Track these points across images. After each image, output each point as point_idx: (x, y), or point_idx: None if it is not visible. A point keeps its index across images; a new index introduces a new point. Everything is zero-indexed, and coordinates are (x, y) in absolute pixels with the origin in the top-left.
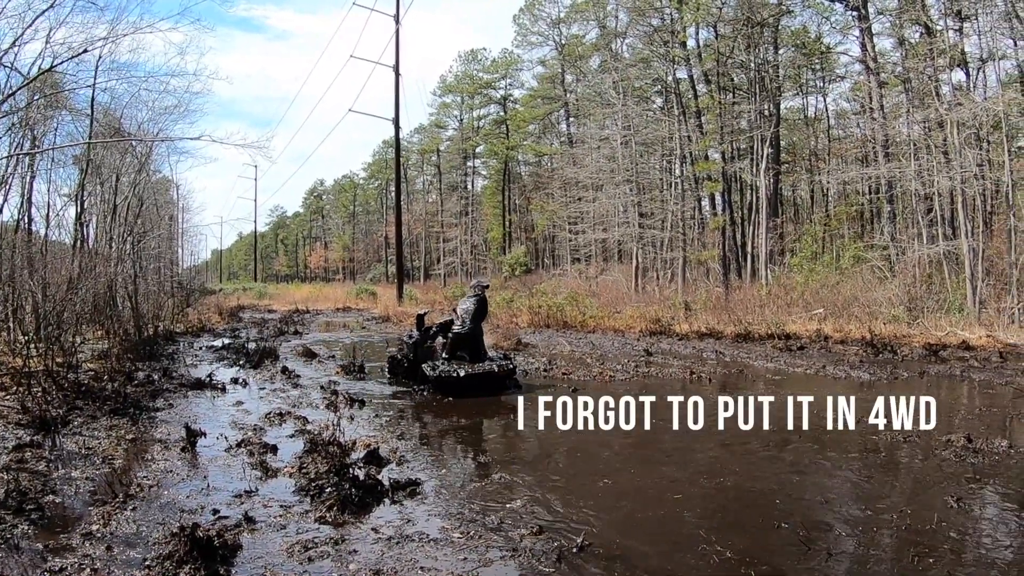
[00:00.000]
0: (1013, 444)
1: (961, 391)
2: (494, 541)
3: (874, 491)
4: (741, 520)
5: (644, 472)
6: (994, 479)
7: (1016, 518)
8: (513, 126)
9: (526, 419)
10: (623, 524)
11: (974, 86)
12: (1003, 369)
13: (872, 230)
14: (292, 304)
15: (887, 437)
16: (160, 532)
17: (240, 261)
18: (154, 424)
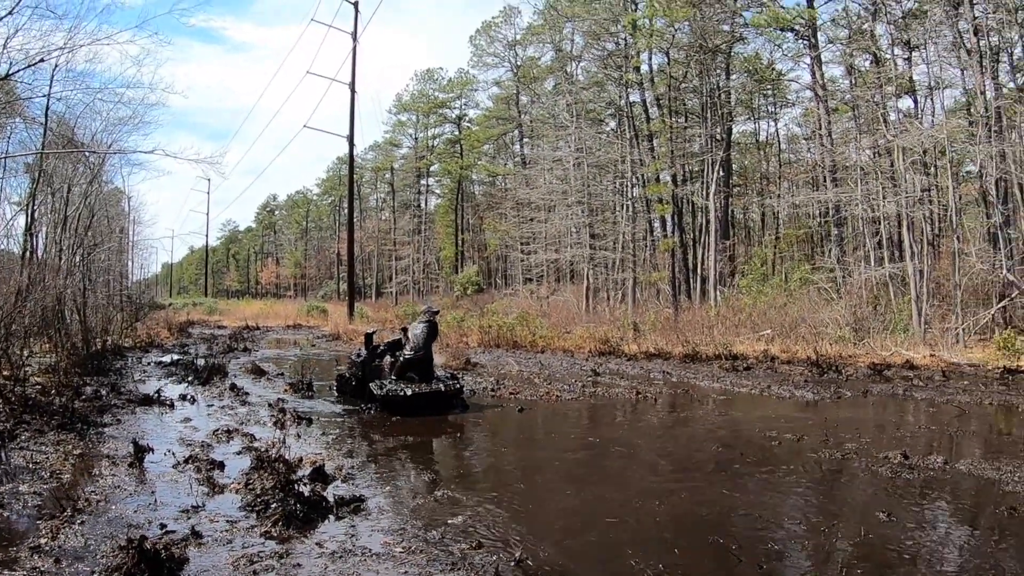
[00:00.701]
0: (949, 461)
1: (904, 409)
2: (434, 555)
3: (810, 507)
4: (677, 537)
5: (585, 490)
6: (927, 494)
7: (944, 531)
8: (467, 146)
9: (471, 438)
10: (561, 541)
11: (921, 113)
12: (945, 388)
13: (821, 252)
14: (242, 320)
15: (826, 454)
16: (108, 546)
17: (191, 276)
18: (102, 439)
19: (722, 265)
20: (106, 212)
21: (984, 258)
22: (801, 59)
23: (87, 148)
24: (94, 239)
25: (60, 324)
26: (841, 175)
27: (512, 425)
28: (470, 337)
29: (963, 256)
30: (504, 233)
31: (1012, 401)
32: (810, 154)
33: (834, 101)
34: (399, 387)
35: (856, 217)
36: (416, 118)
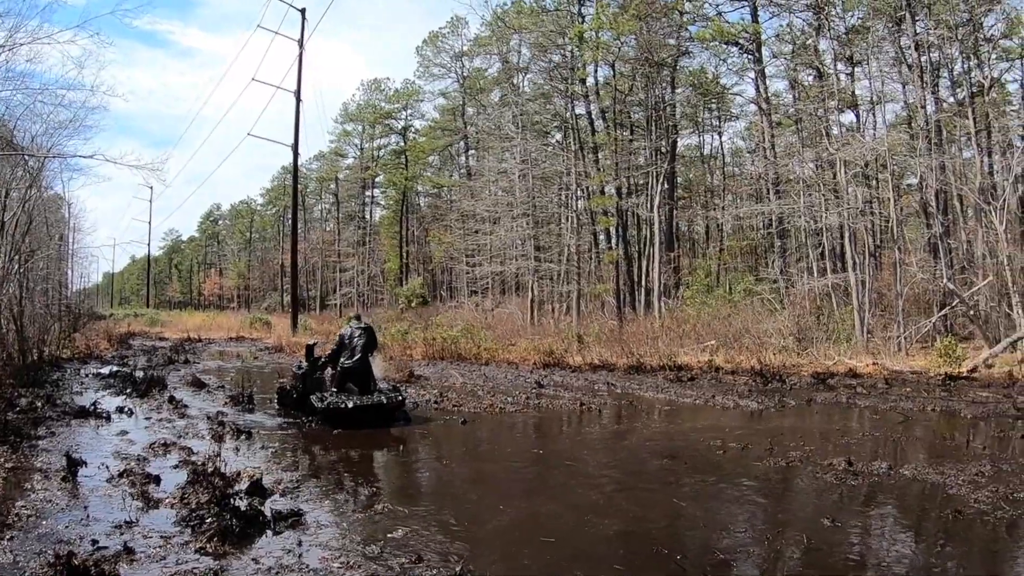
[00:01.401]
0: (893, 466)
1: (847, 417)
2: (373, 571)
3: (756, 516)
4: (623, 550)
5: (529, 503)
6: (872, 500)
7: (890, 536)
8: (413, 157)
9: (413, 451)
10: (504, 555)
11: (863, 127)
12: (888, 395)
13: (765, 264)
14: (184, 332)
15: (772, 463)
16: (37, 562)
17: (132, 286)
18: (35, 453)
19: (666, 277)
20: (45, 219)
21: (925, 268)
22: (746, 73)
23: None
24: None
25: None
26: (784, 187)
27: (455, 438)
28: (414, 350)
29: (904, 266)
30: (449, 245)
31: (954, 407)
32: (754, 167)
33: (778, 115)
34: (340, 399)
35: (799, 229)
36: (362, 128)
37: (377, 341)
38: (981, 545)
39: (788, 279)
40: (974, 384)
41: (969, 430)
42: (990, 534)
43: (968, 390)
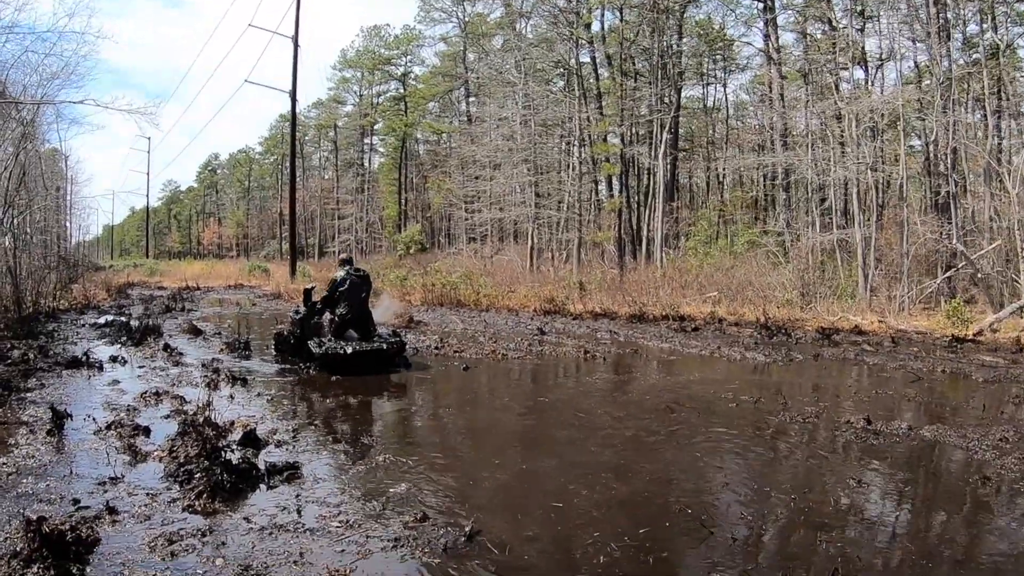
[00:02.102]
0: (912, 427)
1: (857, 374)
2: (374, 530)
3: (777, 475)
4: (638, 506)
5: (537, 456)
6: (895, 461)
7: (916, 499)
8: (412, 103)
9: (414, 399)
10: (514, 511)
11: (872, 83)
12: (895, 354)
13: (767, 217)
14: (183, 281)
15: (787, 419)
16: (12, 526)
17: (132, 237)
18: (23, 406)
19: (668, 227)
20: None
21: (931, 228)
22: (754, 24)
23: (13, 99)
24: (27, 198)
25: None
26: (789, 140)
27: (457, 385)
28: (413, 296)
29: (910, 225)
30: (448, 192)
31: (964, 369)
32: (757, 120)
33: (785, 68)
34: (339, 345)
35: (804, 182)
36: (361, 75)
37: (372, 286)
38: (1018, 514)
39: (793, 232)
40: (981, 347)
41: (983, 394)
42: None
43: (975, 353)
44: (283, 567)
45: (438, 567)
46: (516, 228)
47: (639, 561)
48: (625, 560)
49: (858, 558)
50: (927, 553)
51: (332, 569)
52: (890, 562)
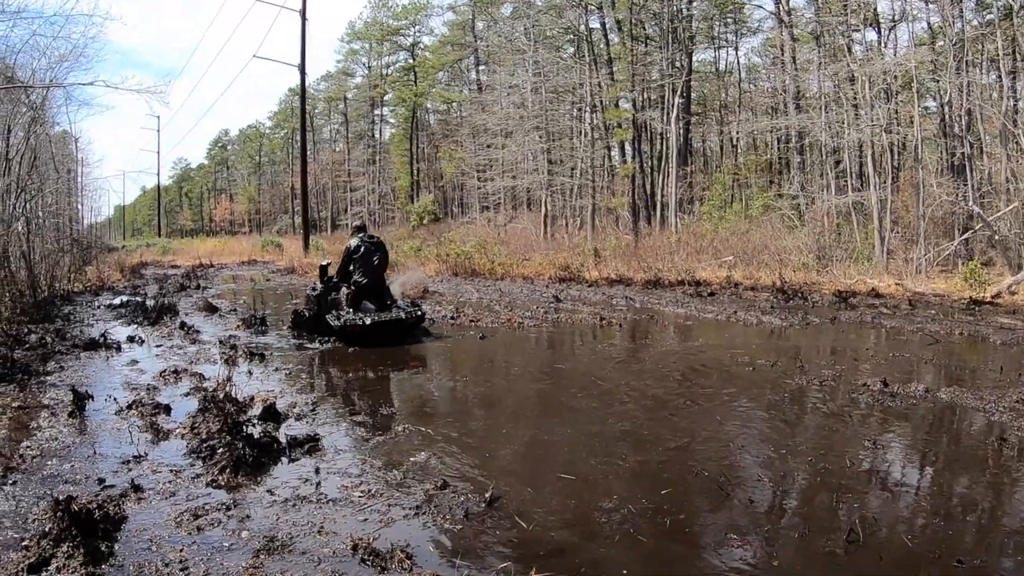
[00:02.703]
0: (930, 389)
1: (874, 337)
2: (396, 498)
3: (794, 437)
4: (657, 470)
5: (554, 422)
6: (911, 422)
7: (931, 459)
8: (422, 73)
9: (431, 368)
10: (533, 477)
11: (884, 45)
12: (913, 316)
13: (781, 180)
14: (196, 259)
15: (804, 381)
16: (40, 508)
17: (144, 217)
18: (43, 389)
19: (682, 192)
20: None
21: (947, 190)
22: None
23: (22, 84)
24: (38, 182)
25: (5, 271)
26: (802, 103)
27: (474, 354)
28: (427, 266)
29: (925, 187)
30: (460, 161)
31: (982, 331)
32: (769, 83)
33: (797, 30)
34: (356, 316)
35: (818, 145)
36: (369, 46)
37: (389, 255)
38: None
39: (809, 196)
40: (999, 310)
41: (1001, 356)
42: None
43: (993, 315)
44: (307, 537)
45: (459, 533)
46: (529, 196)
47: (657, 523)
48: (643, 522)
49: (875, 519)
50: (945, 515)
51: (356, 538)
52: (908, 524)
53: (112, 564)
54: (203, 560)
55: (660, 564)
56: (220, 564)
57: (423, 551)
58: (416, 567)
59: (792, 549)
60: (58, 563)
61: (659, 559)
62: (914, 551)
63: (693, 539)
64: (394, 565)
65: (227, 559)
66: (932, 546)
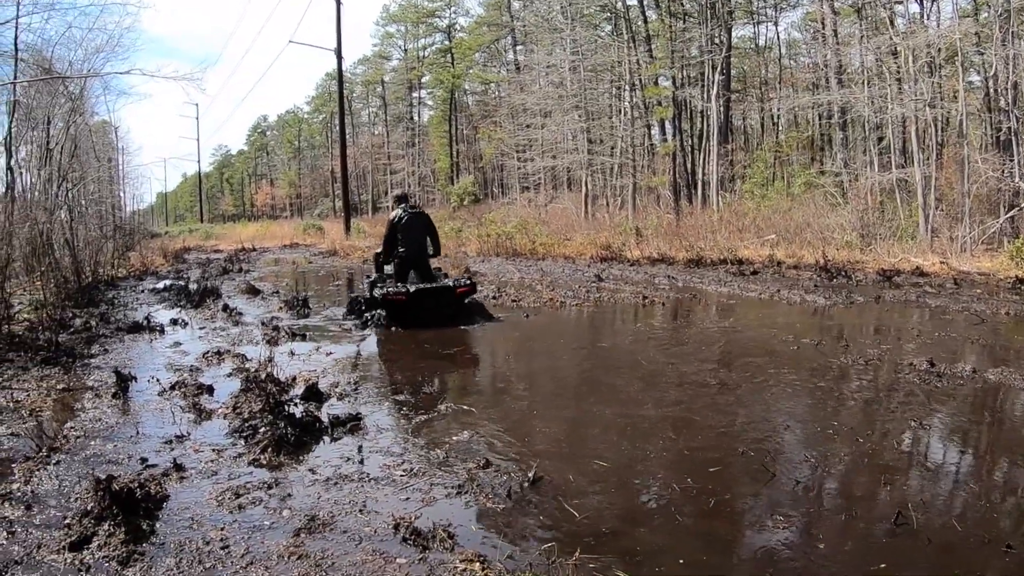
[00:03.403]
0: (977, 370)
1: (919, 316)
2: (438, 478)
3: (840, 416)
4: (701, 449)
5: (598, 401)
6: (958, 402)
7: (978, 442)
8: (458, 55)
9: (474, 347)
10: (577, 456)
11: (927, 17)
12: (958, 295)
13: (823, 157)
14: (238, 243)
15: (849, 360)
16: (82, 487)
17: (186, 203)
18: (87, 371)
19: (723, 170)
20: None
21: (994, 166)
22: None
23: (60, 75)
24: (80, 170)
25: (50, 258)
26: (844, 78)
27: (517, 332)
28: (468, 246)
29: (971, 164)
30: (499, 142)
31: None
32: (811, 58)
33: (838, 3)
34: (399, 286)
35: (861, 120)
36: (405, 29)
37: (434, 227)
38: None
39: (851, 172)
40: None
41: None
42: None
43: None
44: (348, 516)
45: (502, 512)
46: (569, 175)
47: (701, 504)
48: (687, 503)
49: (922, 502)
50: (993, 499)
51: (397, 516)
52: (956, 507)
53: (153, 542)
54: (244, 539)
55: (704, 546)
56: (261, 543)
57: (465, 530)
58: (458, 546)
59: (837, 531)
60: (99, 541)
61: (703, 540)
62: (962, 536)
63: (737, 521)
64: (436, 544)
65: (268, 538)
66: (981, 531)
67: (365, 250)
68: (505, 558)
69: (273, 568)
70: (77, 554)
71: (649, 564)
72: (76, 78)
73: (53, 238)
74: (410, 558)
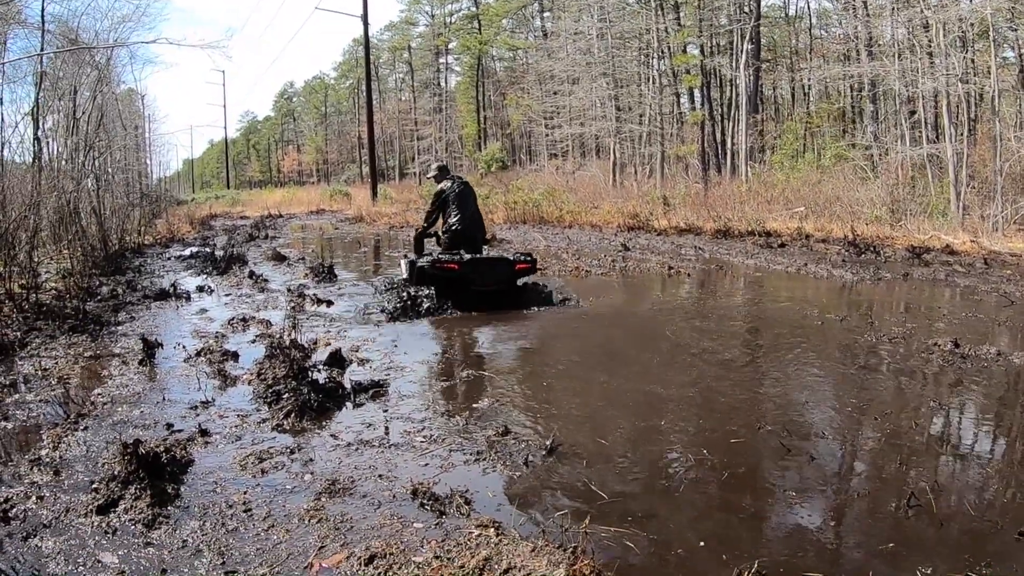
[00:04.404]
0: (1002, 352)
1: (947, 296)
2: (458, 444)
3: (858, 394)
4: (720, 423)
5: (619, 372)
6: (981, 384)
7: (1001, 425)
8: (486, 21)
9: (498, 314)
10: (596, 427)
11: None
12: (988, 276)
13: (854, 129)
14: (265, 209)
15: (873, 338)
16: (110, 452)
17: (212, 169)
18: (114, 339)
19: (752, 140)
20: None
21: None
22: None
23: (86, 45)
24: (106, 139)
25: (77, 227)
26: (875, 50)
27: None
28: (495, 214)
29: (1004, 141)
30: (527, 108)
31: None
32: (841, 28)
33: None
34: (449, 255)
35: (892, 94)
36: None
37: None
38: None
39: (882, 146)
40: None
41: None
42: None
43: None
44: (368, 480)
45: (519, 479)
46: (597, 143)
47: (718, 479)
48: (704, 476)
49: (938, 484)
50: (1012, 485)
51: (416, 482)
52: (971, 491)
53: (177, 506)
54: (266, 502)
55: (718, 519)
56: (282, 506)
57: (482, 496)
58: (474, 512)
59: (853, 509)
60: (126, 504)
61: (718, 514)
62: (975, 520)
63: (750, 495)
64: (452, 510)
65: (289, 501)
66: (995, 516)
67: (392, 216)
68: (519, 524)
69: (294, 531)
70: (104, 517)
71: (659, 532)
72: (102, 48)
73: (80, 207)
74: (427, 522)
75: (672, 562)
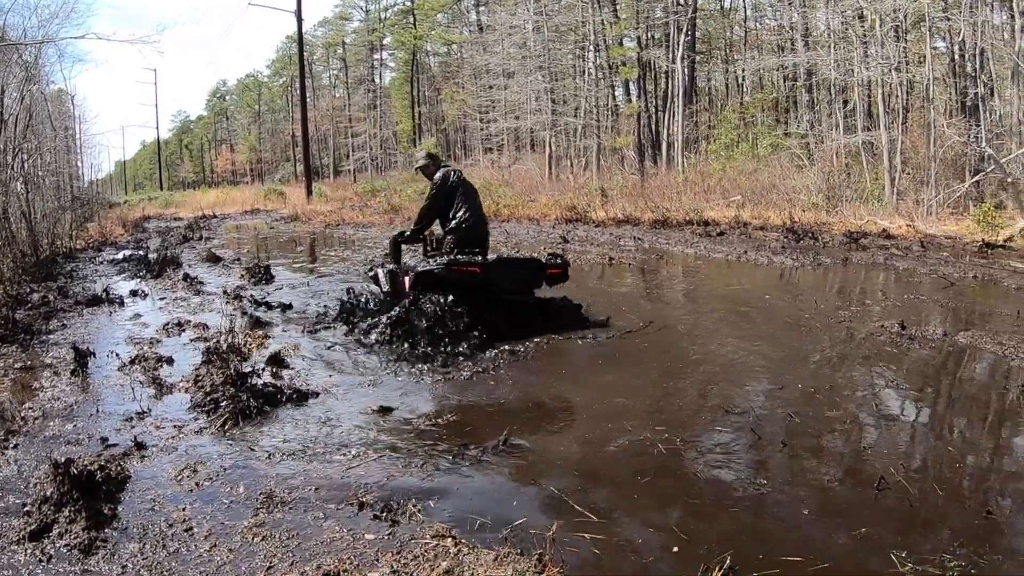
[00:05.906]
0: (948, 333)
1: (887, 279)
2: (408, 449)
3: (817, 379)
4: (685, 412)
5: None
6: (932, 366)
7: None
8: (421, 15)
9: None
10: (544, 418)
11: None
12: (925, 258)
13: (789, 119)
14: (199, 210)
15: (819, 323)
16: (41, 471)
17: (145, 171)
18: (45, 348)
19: (688, 131)
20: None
21: (960, 131)
22: None
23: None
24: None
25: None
26: (811, 40)
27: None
28: None
29: (936, 128)
30: (462, 103)
31: (996, 275)
32: (776, 20)
33: None
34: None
35: (827, 83)
36: None
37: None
38: None
39: (817, 135)
40: (1011, 253)
41: (1016, 300)
42: None
43: (1006, 259)
44: (313, 491)
45: (474, 481)
46: (533, 137)
47: (671, 465)
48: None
49: (903, 467)
50: (973, 464)
51: (364, 490)
52: (937, 472)
53: (115, 527)
54: (207, 519)
55: (677, 508)
56: (222, 523)
57: (435, 502)
58: (428, 520)
59: (819, 496)
60: (60, 528)
61: (672, 504)
62: (943, 500)
63: (715, 484)
64: (405, 519)
65: (230, 517)
66: (962, 496)
67: (327, 214)
68: (475, 530)
69: (237, 550)
70: (38, 544)
71: (622, 526)
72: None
73: (9, 211)
74: (379, 534)
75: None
